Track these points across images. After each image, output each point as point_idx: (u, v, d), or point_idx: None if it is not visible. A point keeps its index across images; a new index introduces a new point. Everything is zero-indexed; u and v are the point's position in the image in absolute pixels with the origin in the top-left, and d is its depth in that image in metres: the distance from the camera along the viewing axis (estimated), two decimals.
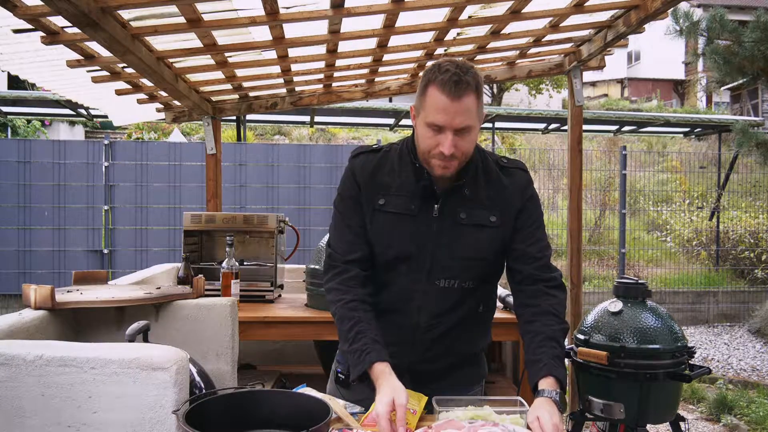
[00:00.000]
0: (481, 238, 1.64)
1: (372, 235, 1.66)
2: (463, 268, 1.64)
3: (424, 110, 1.54)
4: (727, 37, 5.84)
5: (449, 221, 1.63)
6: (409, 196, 1.63)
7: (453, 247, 1.62)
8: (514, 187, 1.68)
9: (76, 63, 2.87)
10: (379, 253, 1.67)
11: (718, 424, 4.58)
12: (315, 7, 2.56)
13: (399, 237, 1.63)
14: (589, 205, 10.11)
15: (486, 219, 1.64)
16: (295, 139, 15.20)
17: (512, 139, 15.97)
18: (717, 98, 22.93)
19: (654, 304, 2.32)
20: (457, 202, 1.63)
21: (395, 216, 1.63)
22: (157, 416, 1.43)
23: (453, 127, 1.50)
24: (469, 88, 1.49)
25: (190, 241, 3.42)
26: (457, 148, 1.52)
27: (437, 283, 1.64)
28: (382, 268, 1.68)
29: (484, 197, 1.65)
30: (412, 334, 1.68)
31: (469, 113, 1.50)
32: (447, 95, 1.48)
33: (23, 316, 1.88)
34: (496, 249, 1.67)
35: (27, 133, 10.95)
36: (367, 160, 1.70)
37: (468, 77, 1.48)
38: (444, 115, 1.49)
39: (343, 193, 1.71)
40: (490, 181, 1.66)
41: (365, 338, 1.55)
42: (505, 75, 4.10)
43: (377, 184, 1.66)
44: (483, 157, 1.69)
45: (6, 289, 7.12)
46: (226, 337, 2.20)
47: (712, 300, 8.58)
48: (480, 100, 1.54)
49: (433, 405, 1.53)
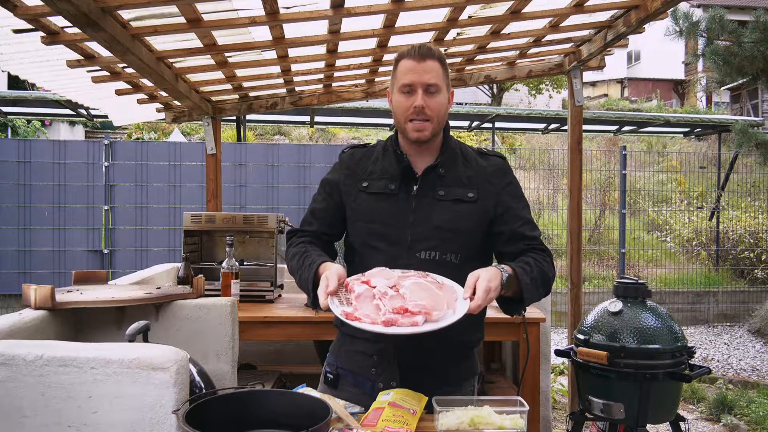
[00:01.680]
0: (458, 210, 1.72)
1: (356, 214, 1.78)
2: (442, 239, 1.71)
3: (396, 80, 1.71)
4: (726, 38, 5.84)
5: (428, 198, 1.73)
6: (389, 179, 1.76)
7: (431, 219, 1.71)
8: (492, 169, 1.78)
9: (76, 63, 2.87)
10: (362, 231, 1.77)
11: (718, 424, 4.59)
12: (315, 7, 2.56)
13: (380, 213, 1.74)
14: (589, 205, 10.11)
15: (464, 195, 1.73)
16: (295, 139, 15.20)
17: (512, 139, 15.97)
18: (717, 98, 22.94)
19: (654, 304, 2.32)
20: (435, 182, 1.74)
21: (376, 195, 1.75)
22: (157, 416, 1.43)
23: (422, 82, 1.66)
24: (432, 54, 1.67)
25: (190, 241, 3.42)
26: (428, 107, 1.67)
27: (418, 255, 1.70)
28: (366, 247, 1.76)
29: (463, 176, 1.75)
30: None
31: (435, 73, 1.67)
32: (413, 59, 1.67)
33: (23, 316, 1.88)
34: (475, 221, 1.73)
35: (27, 133, 10.95)
36: (354, 153, 1.87)
37: (430, 46, 1.70)
38: (413, 74, 1.66)
39: (324, 182, 1.87)
40: (468, 163, 1.78)
41: (311, 256, 1.70)
42: (505, 75, 4.10)
43: (362, 170, 1.80)
44: (462, 145, 1.82)
45: (6, 289, 7.12)
46: (226, 337, 2.20)
47: (712, 300, 8.59)
48: (445, 71, 1.70)
49: (433, 405, 1.53)
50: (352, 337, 1.77)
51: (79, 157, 7.25)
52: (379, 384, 1.73)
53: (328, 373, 1.86)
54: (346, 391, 1.77)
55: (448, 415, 1.49)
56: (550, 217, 10.26)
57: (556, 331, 7.37)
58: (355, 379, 1.77)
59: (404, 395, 1.59)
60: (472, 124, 10.16)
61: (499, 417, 1.49)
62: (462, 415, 1.48)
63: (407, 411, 1.52)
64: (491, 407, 1.51)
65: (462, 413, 1.49)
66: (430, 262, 1.70)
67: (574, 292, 3.87)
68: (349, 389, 1.77)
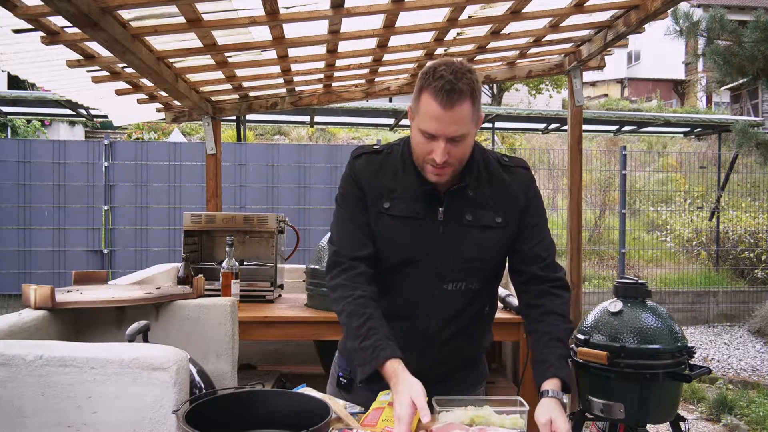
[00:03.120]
0: (487, 239, 1.62)
1: (378, 239, 1.63)
2: (471, 270, 1.63)
3: (418, 115, 1.51)
4: (727, 38, 5.84)
5: (455, 223, 1.60)
6: (413, 200, 1.60)
7: (460, 250, 1.60)
8: (516, 185, 1.66)
9: (76, 63, 2.87)
10: (385, 257, 1.63)
11: (718, 424, 4.58)
12: (315, 7, 2.56)
13: (406, 241, 1.61)
14: (589, 205, 10.10)
15: (492, 220, 1.62)
16: (295, 139, 15.20)
17: (512, 139, 15.96)
18: (717, 98, 22.93)
19: (654, 304, 2.32)
20: (462, 204, 1.61)
21: (401, 219, 1.60)
22: (157, 416, 1.43)
23: (446, 135, 1.47)
24: (463, 96, 1.44)
25: (190, 241, 3.42)
26: (450, 155, 1.49)
27: (445, 287, 1.62)
28: (388, 273, 1.64)
29: (488, 197, 1.62)
30: (422, 340, 1.65)
31: (463, 122, 1.47)
32: (440, 104, 1.44)
33: (23, 316, 1.88)
34: (502, 250, 1.66)
35: (27, 133, 10.94)
36: (369, 162, 1.66)
37: (462, 84, 1.43)
38: (437, 124, 1.46)
39: (346, 192, 1.67)
40: (493, 180, 1.64)
41: (377, 335, 1.51)
42: (505, 75, 4.10)
43: (381, 187, 1.62)
44: (484, 156, 1.67)
45: (6, 289, 7.12)
46: (226, 337, 2.20)
47: (712, 300, 8.58)
48: (476, 105, 1.49)
49: (433, 405, 1.52)
50: None
51: (79, 157, 7.25)
52: None
53: (341, 377, 1.79)
54: (359, 395, 1.69)
55: (448, 415, 1.49)
56: (550, 217, 10.20)
57: None
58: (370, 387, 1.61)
59: None
60: None
61: (499, 417, 1.49)
62: (462, 415, 1.48)
63: None
64: (491, 407, 1.51)
65: (462, 413, 1.49)
66: (456, 292, 1.63)
67: (574, 292, 3.87)
68: (362, 392, 1.67)
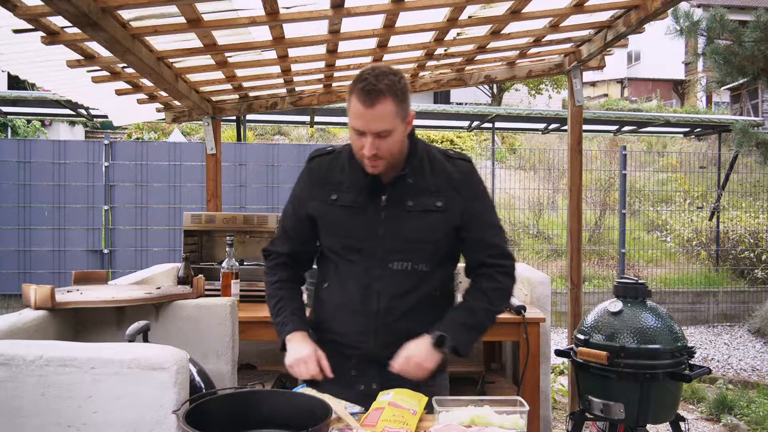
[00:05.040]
0: (427, 221, 1.74)
1: (327, 228, 1.80)
2: (413, 250, 1.74)
3: (350, 115, 1.68)
4: (727, 37, 5.83)
5: (397, 209, 1.74)
6: (358, 191, 1.76)
7: (401, 231, 1.74)
8: (458, 175, 1.79)
9: (76, 63, 2.87)
10: (336, 245, 1.80)
11: (718, 424, 4.58)
12: (315, 7, 2.56)
13: (352, 227, 1.76)
14: (589, 205, 10.10)
15: (432, 204, 1.74)
16: (295, 139, 15.20)
17: (512, 139, 15.96)
18: (717, 98, 22.93)
19: (654, 304, 2.32)
20: (403, 192, 1.74)
21: (347, 209, 1.76)
22: (157, 416, 1.43)
23: (371, 131, 1.62)
24: (383, 95, 1.59)
25: (190, 241, 3.42)
26: (379, 149, 1.64)
27: (391, 266, 1.74)
28: (340, 259, 1.79)
29: (430, 185, 1.75)
30: (375, 321, 1.75)
31: (385, 118, 1.61)
32: (362, 103, 1.61)
33: (23, 316, 1.88)
34: (444, 231, 1.76)
35: (27, 133, 10.94)
36: (321, 161, 1.85)
37: (382, 85, 1.59)
38: (361, 121, 1.63)
39: (294, 196, 1.89)
40: (435, 170, 1.77)
41: (285, 312, 1.80)
42: (505, 75, 4.10)
43: (330, 181, 1.80)
44: (428, 150, 1.82)
45: (6, 289, 7.12)
46: (226, 337, 2.20)
47: (712, 300, 8.58)
48: (399, 104, 1.63)
49: (433, 405, 1.53)
50: (332, 341, 1.79)
51: (79, 157, 7.24)
52: (360, 386, 1.76)
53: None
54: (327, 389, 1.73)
55: (448, 415, 1.49)
56: (550, 217, 10.25)
57: (556, 331, 7.37)
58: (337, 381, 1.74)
59: (404, 395, 1.59)
60: (472, 124, 10.15)
61: (499, 417, 1.49)
62: (462, 415, 1.48)
63: (407, 411, 1.52)
64: (491, 407, 1.51)
65: (462, 413, 1.49)
66: (403, 272, 1.74)
67: (574, 292, 3.87)
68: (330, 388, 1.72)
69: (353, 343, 1.76)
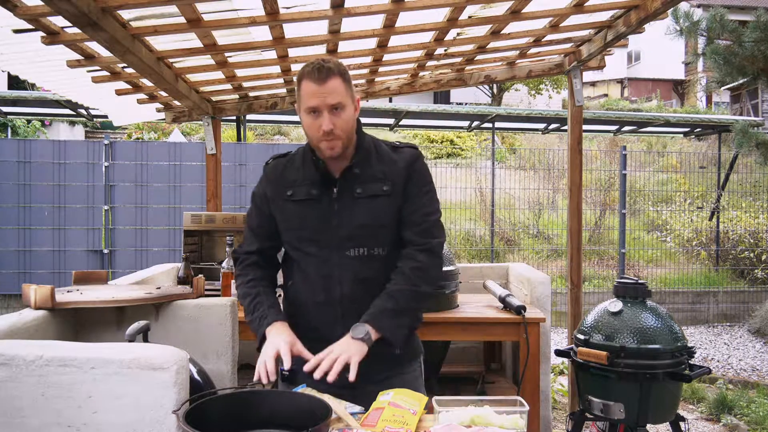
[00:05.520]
0: (376, 205, 1.82)
1: (285, 223, 1.87)
2: (367, 235, 1.81)
3: (301, 102, 1.76)
4: (727, 37, 5.83)
5: (348, 198, 1.81)
6: (311, 185, 1.84)
7: (353, 218, 1.81)
8: (402, 161, 1.86)
9: (76, 63, 2.87)
10: (294, 239, 1.87)
11: (718, 424, 4.58)
12: (315, 7, 2.56)
13: (307, 219, 1.83)
14: (589, 205, 10.10)
15: (379, 189, 1.82)
16: (295, 139, 15.20)
17: (512, 139, 15.97)
18: (717, 98, 22.93)
19: (654, 304, 2.32)
20: (353, 181, 1.82)
21: (301, 203, 1.84)
22: (157, 416, 1.43)
23: (326, 105, 1.71)
24: (332, 72, 1.71)
25: (190, 241, 3.42)
26: (335, 125, 1.72)
27: (348, 253, 1.81)
28: (300, 253, 1.86)
29: (377, 171, 1.84)
30: (340, 306, 1.81)
31: (337, 92, 1.71)
32: (314, 81, 1.70)
33: (23, 316, 1.88)
34: (392, 214, 1.83)
35: (27, 133, 10.95)
36: (277, 164, 1.94)
37: (329, 64, 1.72)
38: (315, 98, 1.71)
39: (254, 195, 1.95)
40: (382, 159, 1.86)
41: (262, 307, 1.82)
42: (505, 75, 4.10)
43: (285, 180, 1.88)
44: (375, 142, 1.90)
45: (6, 289, 7.12)
46: (226, 337, 2.20)
47: (712, 300, 8.58)
48: (347, 84, 1.75)
49: (433, 405, 1.53)
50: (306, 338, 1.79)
51: (79, 157, 7.25)
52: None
53: (283, 371, 1.88)
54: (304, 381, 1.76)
55: (448, 415, 1.49)
56: (550, 217, 10.25)
57: (556, 331, 7.37)
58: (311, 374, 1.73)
59: (404, 395, 1.59)
60: (472, 124, 10.16)
61: (499, 417, 1.49)
62: (462, 415, 1.48)
63: (407, 411, 1.52)
64: (491, 407, 1.51)
65: (462, 413, 1.49)
66: (360, 258, 1.81)
67: (574, 292, 3.87)
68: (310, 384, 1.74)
69: (325, 335, 1.78)
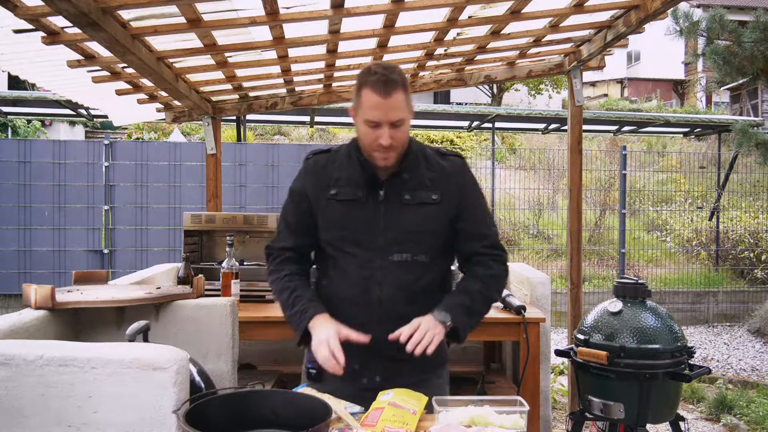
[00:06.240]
0: (424, 213, 1.80)
1: (327, 222, 1.84)
2: (413, 241, 1.80)
3: (361, 109, 1.72)
4: (727, 37, 5.83)
5: (395, 203, 1.80)
6: (356, 186, 1.81)
7: (400, 223, 1.80)
8: (452, 169, 1.86)
9: (77, 63, 2.87)
10: (335, 238, 1.83)
11: (718, 424, 4.58)
12: (315, 7, 2.56)
13: (352, 220, 1.80)
14: (589, 205, 10.10)
15: (428, 197, 1.81)
16: (295, 139, 15.20)
17: (512, 139, 15.96)
18: (717, 98, 22.93)
19: (654, 304, 2.32)
20: (401, 186, 1.80)
21: (346, 203, 1.81)
22: (157, 416, 1.43)
23: (388, 121, 1.69)
24: (396, 85, 1.68)
25: (190, 241, 3.42)
26: (393, 139, 1.70)
27: (391, 258, 1.79)
28: (340, 253, 1.83)
29: (426, 179, 1.82)
30: (377, 311, 1.79)
31: (400, 107, 1.69)
32: (379, 94, 1.67)
33: (23, 316, 1.88)
34: (440, 223, 1.83)
35: (27, 133, 10.94)
36: (318, 159, 1.91)
37: (394, 76, 1.68)
38: (379, 112, 1.68)
39: (291, 191, 1.92)
40: (430, 166, 1.84)
41: (302, 300, 1.79)
42: (505, 75, 4.10)
43: (328, 177, 1.85)
44: (421, 147, 1.88)
45: (6, 289, 7.12)
46: (226, 337, 2.20)
47: (712, 300, 8.58)
48: (407, 96, 1.73)
49: (433, 405, 1.53)
50: None
51: (79, 157, 7.25)
52: (363, 380, 1.79)
53: (310, 369, 1.88)
54: (330, 383, 1.77)
55: (448, 415, 1.49)
56: (550, 217, 10.25)
57: (556, 331, 7.37)
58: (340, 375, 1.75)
59: (404, 395, 1.59)
60: (472, 124, 10.15)
61: (499, 417, 1.49)
62: (462, 414, 1.48)
63: (407, 411, 1.52)
64: (491, 407, 1.51)
65: (462, 413, 1.49)
66: (403, 263, 1.79)
67: (574, 292, 3.87)
68: (333, 381, 1.76)
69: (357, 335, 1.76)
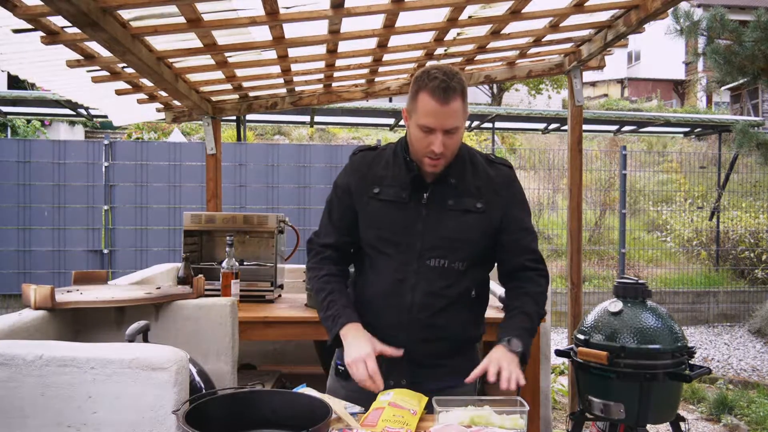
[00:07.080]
0: (466, 220, 1.77)
1: (367, 220, 1.82)
2: (451, 248, 1.76)
3: (416, 113, 1.68)
4: (727, 37, 5.83)
5: (438, 207, 1.77)
6: (400, 186, 1.78)
7: (440, 228, 1.76)
8: (499, 178, 1.83)
9: (76, 63, 2.87)
10: (372, 236, 1.81)
11: (718, 424, 4.58)
12: (315, 7, 2.56)
13: (392, 221, 1.78)
14: (589, 205, 10.10)
15: (473, 205, 1.78)
16: (295, 139, 15.20)
17: (512, 139, 15.96)
18: (717, 98, 22.92)
19: (654, 304, 2.32)
20: (446, 191, 1.77)
21: (388, 203, 1.79)
22: (157, 416, 1.43)
23: (443, 128, 1.65)
24: (456, 93, 1.64)
25: (190, 241, 3.41)
26: (446, 146, 1.67)
27: (428, 263, 1.76)
28: (377, 252, 1.81)
29: (472, 186, 1.79)
30: (408, 315, 1.77)
31: (456, 115, 1.66)
32: (437, 101, 1.63)
33: (23, 316, 1.88)
34: (482, 231, 1.79)
35: (27, 133, 10.94)
36: (365, 156, 1.88)
37: (454, 83, 1.64)
38: (434, 119, 1.64)
39: (336, 186, 1.89)
40: (477, 172, 1.81)
41: (337, 305, 1.78)
42: (505, 75, 4.10)
43: (373, 175, 1.82)
44: (470, 152, 1.85)
45: (6, 289, 7.12)
46: (226, 337, 2.20)
47: (712, 300, 8.58)
48: (465, 102, 1.69)
49: (433, 405, 1.53)
50: None
51: (79, 157, 7.24)
52: (390, 381, 1.76)
53: (339, 365, 1.89)
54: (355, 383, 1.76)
55: (448, 415, 1.49)
56: (550, 217, 10.25)
57: (556, 331, 7.37)
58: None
59: (404, 395, 1.59)
60: (472, 124, 10.16)
61: (499, 417, 1.49)
62: (462, 415, 1.48)
63: (407, 411, 1.52)
64: (491, 407, 1.51)
65: (462, 413, 1.49)
66: (439, 269, 1.76)
67: (574, 292, 3.87)
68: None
69: (385, 337, 1.75)
